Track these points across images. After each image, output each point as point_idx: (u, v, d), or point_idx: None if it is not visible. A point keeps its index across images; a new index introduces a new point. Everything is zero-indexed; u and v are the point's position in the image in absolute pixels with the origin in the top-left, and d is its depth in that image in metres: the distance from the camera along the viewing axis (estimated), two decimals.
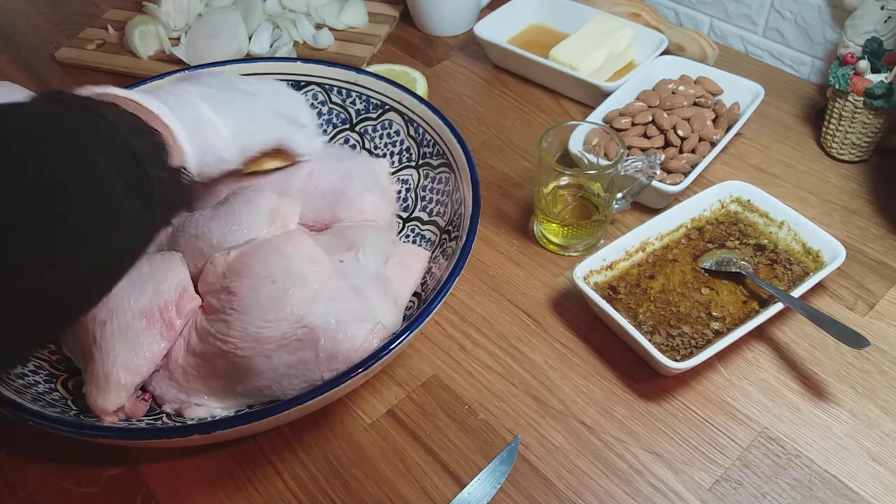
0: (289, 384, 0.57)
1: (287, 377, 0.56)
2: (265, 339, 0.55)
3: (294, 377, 0.56)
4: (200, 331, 0.57)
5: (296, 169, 0.68)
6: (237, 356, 0.56)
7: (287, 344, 0.55)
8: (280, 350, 0.55)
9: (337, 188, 0.69)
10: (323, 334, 0.55)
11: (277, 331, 0.55)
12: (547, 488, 0.58)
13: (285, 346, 0.55)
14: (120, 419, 0.58)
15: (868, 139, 0.80)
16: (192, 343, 0.58)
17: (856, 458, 0.59)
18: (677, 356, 0.63)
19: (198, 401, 0.59)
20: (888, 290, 0.70)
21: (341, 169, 0.70)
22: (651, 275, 0.70)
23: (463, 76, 0.98)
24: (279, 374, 0.56)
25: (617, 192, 0.73)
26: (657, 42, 0.92)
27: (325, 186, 0.69)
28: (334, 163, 0.70)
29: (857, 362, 0.65)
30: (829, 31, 0.91)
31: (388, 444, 0.61)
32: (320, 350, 0.55)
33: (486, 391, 0.64)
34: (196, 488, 0.59)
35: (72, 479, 0.60)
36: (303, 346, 0.55)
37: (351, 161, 0.72)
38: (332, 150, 0.73)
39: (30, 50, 1.07)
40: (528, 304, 0.71)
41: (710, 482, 0.58)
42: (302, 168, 0.69)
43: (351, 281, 0.60)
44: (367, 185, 0.70)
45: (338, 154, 0.73)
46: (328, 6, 1.05)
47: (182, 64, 0.97)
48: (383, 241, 0.66)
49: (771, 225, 0.73)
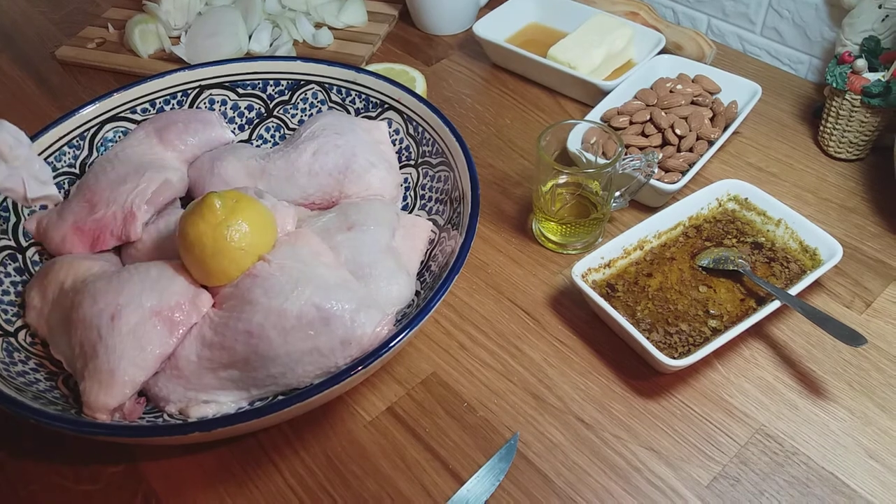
0: (303, 371, 0.57)
1: (302, 363, 0.57)
2: (286, 311, 0.56)
3: (308, 364, 0.57)
4: (214, 324, 0.58)
5: (299, 152, 0.70)
6: (258, 336, 0.56)
7: (303, 325, 0.56)
8: (297, 330, 0.56)
9: (342, 165, 0.70)
10: (336, 319, 0.56)
11: (295, 304, 0.56)
12: (545, 485, 0.58)
13: (302, 328, 0.56)
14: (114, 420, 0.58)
15: (865, 137, 0.81)
16: (206, 337, 0.58)
17: (853, 455, 0.59)
18: (675, 354, 0.64)
19: (207, 397, 0.59)
20: (885, 288, 0.71)
21: (344, 145, 0.71)
22: (649, 273, 0.70)
23: (462, 75, 0.98)
24: (294, 359, 0.57)
25: (615, 190, 0.73)
26: (655, 41, 0.92)
27: (331, 165, 0.70)
28: (336, 138, 0.71)
29: (854, 360, 0.65)
30: (826, 30, 0.91)
31: (388, 441, 0.62)
32: (334, 336, 0.56)
33: (485, 388, 0.65)
34: (197, 485, 0.59)
35: (73, 476, 0.60)
36: (317, 333, 0.56)
37: (352, 134, 0.72)
38: (331, 121, 0.73)
39: (30, 49, 1.07)
40: (526, 302, 0.71)
41: (708, 479, 0.58)
42: (306, 149, 0.70)
43: (363, 255, 0.62)
44: (371, 161, 0.71)
45: (336, 126, 0.73)
46: (328, 5, 1.05)
47: (182, 63, 0.97)
48: (389, 214, 0.68)
49: (768, 223, 0.73)
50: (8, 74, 1.03)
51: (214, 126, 0.76)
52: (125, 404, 0.57)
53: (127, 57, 1.02)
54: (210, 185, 0.71)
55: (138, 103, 0.77)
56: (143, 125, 0.75)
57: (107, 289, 0.59)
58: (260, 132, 0.81)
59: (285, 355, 0.57)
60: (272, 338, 0.56)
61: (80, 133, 0.74)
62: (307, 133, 0.73)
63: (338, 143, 0.71)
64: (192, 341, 0.58)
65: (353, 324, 0.57)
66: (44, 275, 0.65)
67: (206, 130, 0.76)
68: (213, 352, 0.58)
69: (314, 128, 0.73)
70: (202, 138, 0.75)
